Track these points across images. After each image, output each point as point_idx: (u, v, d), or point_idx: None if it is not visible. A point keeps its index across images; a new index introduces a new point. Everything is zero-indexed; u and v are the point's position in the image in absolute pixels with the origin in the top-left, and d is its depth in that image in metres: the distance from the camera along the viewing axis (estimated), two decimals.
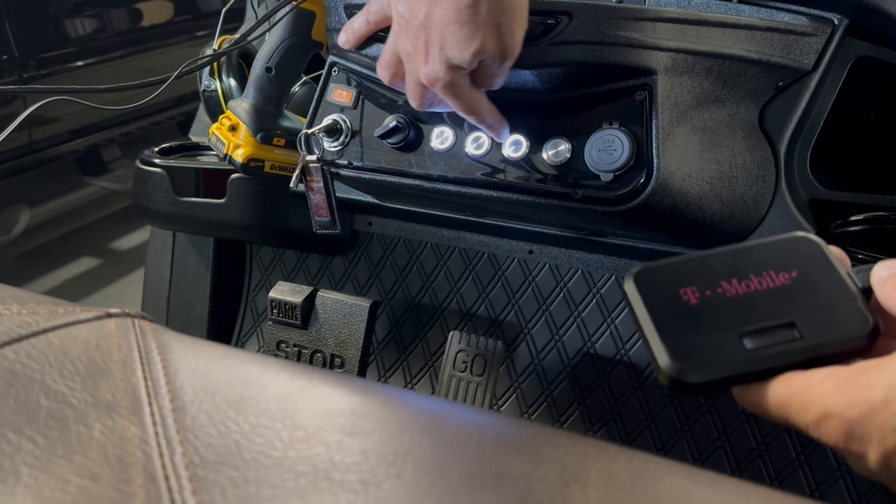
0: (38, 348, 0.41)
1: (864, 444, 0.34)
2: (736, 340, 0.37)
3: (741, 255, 0.40)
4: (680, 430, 0.99)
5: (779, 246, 0.40)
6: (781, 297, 0.38)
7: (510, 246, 1.05)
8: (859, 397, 0.34)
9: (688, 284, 0.39)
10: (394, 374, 1.14)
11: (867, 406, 0.33)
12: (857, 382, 0.34)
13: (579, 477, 0.35)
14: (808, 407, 0.35)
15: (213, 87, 1.03)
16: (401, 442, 0.37)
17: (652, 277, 0.40)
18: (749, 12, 0.73)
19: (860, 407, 0.33)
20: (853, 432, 0.34)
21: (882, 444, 0.33)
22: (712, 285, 0.39)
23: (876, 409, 0.33)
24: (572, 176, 0.72)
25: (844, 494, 0.92)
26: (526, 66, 0.70)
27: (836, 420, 0.34)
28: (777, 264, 0.39)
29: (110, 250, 2.39)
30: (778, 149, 0.80)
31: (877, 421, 0.33)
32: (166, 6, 2.47)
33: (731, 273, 0.39)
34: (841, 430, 0.34)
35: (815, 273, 0.39)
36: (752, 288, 0.39)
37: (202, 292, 1.21)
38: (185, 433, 0.36)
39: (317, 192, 0.85)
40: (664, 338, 0.37)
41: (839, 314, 0.38)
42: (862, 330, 0.37)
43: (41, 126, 2.03)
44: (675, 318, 0.38)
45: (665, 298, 0.39)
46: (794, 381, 0.36)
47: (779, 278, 0.39)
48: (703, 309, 0.38)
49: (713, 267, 0.39)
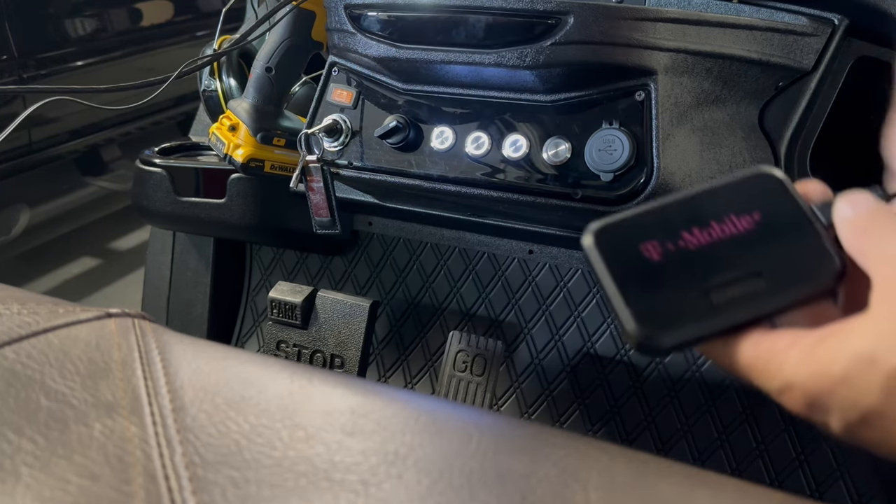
0: (38, 348, 0.41)
1: (826, 416, 0.34)
2: (702, 297, 0.36)
3: (701, 200, 0.38)
4: (680, 430, 0.99)
5: (740, 186, 0.39)
6: (745, 245, 0.37)
7: (510, 246, 1.05)
8: (821, 371, 0.33)
9: (648, 238, 0.38)
10: (394, 374, 1.14)
11: (828, 381, 0.33)
12: (818, 354, 0.34)
13: (580, 477, 0.35)
14: (772, 376, 0.35)
15: (213, 87, 1.03)
16: (401, 442, 0.37)
17: (612, 233, 0.38)
18: (749, 12, 0.73)
19: (821, 381, 0.33)
20: (814, 404, 0.34)
21: (843, 417, 0.33)
22: (673, 237, 0.37)
23: (836, 383, 0.33)
24: (572, 176, 0.72)
25: (844, 494, 0.92)
26: (526, 67, 0.70)
27: (798, 392, 0.34)
28: (738, 206, 0.38)
29: (110, 250, 2.39)
30: (778, 149, 0.80)
31: (837, 397, 0.33)
32: (166, 6, 2.47)
33: (692, 221, 0.38)
34: (803, 401, 0.34)
35: (778, 213, 0.38)
36: (715, 236, 0.37)
37: (202, 292, 1.21)
38: (185, 433, 0.36)
39: (317, 192, 0.85)
40: (629, 301, 0.36)
41: (804, 257, 0.37)
42: (828, 273, 0.36)
43: (41, 126, 2.02)
44: (639, 278, 0.37)
45: (626, 256, 0.37)
46: (760, 345, 0.36)
47: (741, 222, 0.38)
48: (666, 265, 0.37)
49: (672, 216, 0.38)
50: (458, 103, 0.77)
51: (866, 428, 0.33)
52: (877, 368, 0.32)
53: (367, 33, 0.78)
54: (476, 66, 0.72)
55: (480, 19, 0.71)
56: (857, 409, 0.33)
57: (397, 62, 0.77)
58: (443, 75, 0.76)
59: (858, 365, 0.33)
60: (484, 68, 0.72)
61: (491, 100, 0.76)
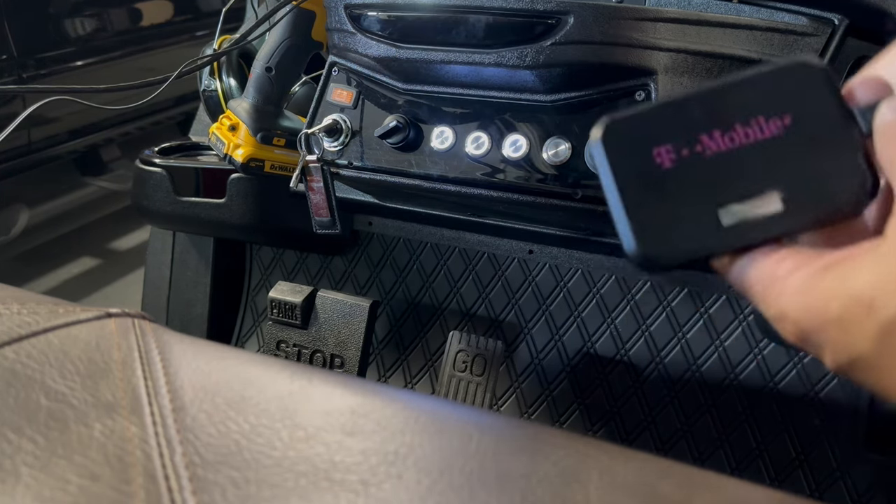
0: (38, 348, 0.41)
1: (818, 350, 0.33)
2: (711, 215, 0.34)
3: (727, 94, 0.35)
4: (680, 430, 0.99)
5: (775, 78, 0.35)
6: (768, 155, 0.34)
7: (510, 246, 1.05)
8: (816, 306, 0.32)
9: (663, 141, 0.34)
10: (394, 374, 1.14)
11: (821, 319, 0.32)
12: (817, 289, 0.32)
13: (580, 477, 0.35)
14: (770, 303, 0.34)
15: (213, 86, 1.03)
16: (401, 442, 0.37)
17: (623, 132, 0.35)
18: (749, 12, 0.73)
19: (814, 317, 0.32)
20: (808, 339, 0.33)
21: (834, 356, 0.32)
22: (690, 141, 0.34)
23: (829, 323, 0.32)
24: (572, 176, 0.72)
25: (844, 494, 0.92)
26: (526, 66, 0.70)
27: (791, 325, 0.33)
28: (768, 106, 0.34)
29: (110, 250, 2.39)
30: None
31: (830, 335, 0.32)
32: (166, 6, 2.47)
33: (714, 122, 0.34)
34: (796, 334, 0.33)
35: (812, 116, 0.34)
36: (737, 142, 0.34)
37: (202, 292, 1.21)
38: (185, 433, 0.36)
39: (317, 191, 0.85)
40: (632, 215, 0.34)
41: (832, 172, 0.33)
42: (855, 195, 0.33)
43: (40, 126, 2.02)
44: (646, 187, 0.34)
45: (636, 161, 0.34)
46: (763, 267, 0.34)
47: (769, 127, 0.34)
48: (677, 174, 0.34)
49: (693, 115, 0.34)
50: (458, 103, 0.78)
51: (857, 371, 0.32)
52: (873, 315, 0.31)
53: (367, 33, 0.78)
54: (476, 65, 0.72)
55: (480, 19, 0.71)
56: (847, 354, 0.32)
57: (397, 62, 0.77)
58: (443, 75, 0.76)
59: (855, 307, 0.31)
60: (484, 68, 0.72)
61: (491, 100, 0.76)
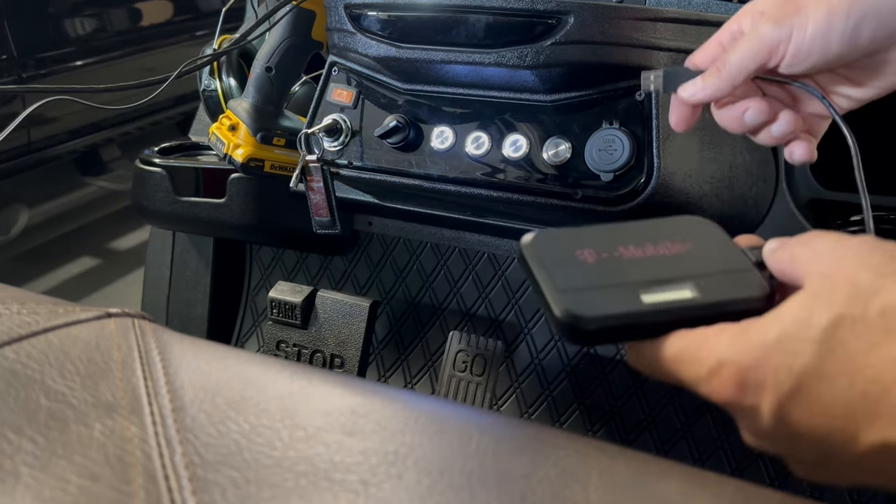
0: (38, 348, 0.41)
1: (758, 394, 0.33)
2: (632, 293, 0.37)
3: (638, 228, 0.40)
4: (680, 430, 0.99)
5: (675, 223, 0.40)
6: (678, 261, 0.38)
7: (510, 246, 1.05)
8: (754, 341, 0.33)
9: (585, 247, 0.38)
10: (394, 374, 1.14)
11: (762, 349, 0.32)
12: (751, 330, 0.33)
13: (580, 477, 0.35)
14: (702, 360, 0.34)
15: (213, 86, 1.03)
16: (401, 442, 0.37)
17: (548, 242, 0.39)
18: None
19: (754, 351, 0.33)
20: (747, 381, 0.33)
21: (776, 389, 0.32)
22: (610, 249, 0.38)
23: (771, 350, 0.32)
24: (572, 176, 0.72)
25: (844, 494, 0.92)
26: (526, 66, 0.70)
27: (728, 369, 0.33)
28: (674, 236, 0.39)
29: (110, 250, 2.39)
30: (778, 148, 0.80)
31: (771, 363, 0.32)
32: (166, 6, 2.47)
33: (629, 241, 0.39)
34: (734, 379, 0.33)
35: (711, 245, 0.39)
36: (650, 253, 0.38)
37: (202, 292, 1.21)
38: (185, 433, 0.36)
39: (317, 191, 0.85)
40: (559, 287, 0.37)
41: (736, 278, 0.38)
42: (759, 292, 0.37)
43: (40, 126, 2.02)
44: (572, 272, 0.37)
45: (561, 257, 0.38)
46: (689, 335, 0.35)
47: (675, 247, 0.39)
48: (599, 266, 0.38)
49: (610, 236, 0.39)
50: (458, 103, 0.77)
51: (799, 403, 0.32)
52: (812, 324, 0.32)
53: (367, 33, 0.78)
54: (476, 65, 0.72)
55: (480, 19, 0.71)
56: (791, 375, 0.32)
57: (397, 62, 0.77)
58: (443, 75, 0.76)
59: (793, 326, 0.32)
60: (484, 68, 0.72)
61: (491, 99, 0.76)
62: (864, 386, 0.30)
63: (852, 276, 0.32)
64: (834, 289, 0.32)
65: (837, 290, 0.32)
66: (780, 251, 0.37)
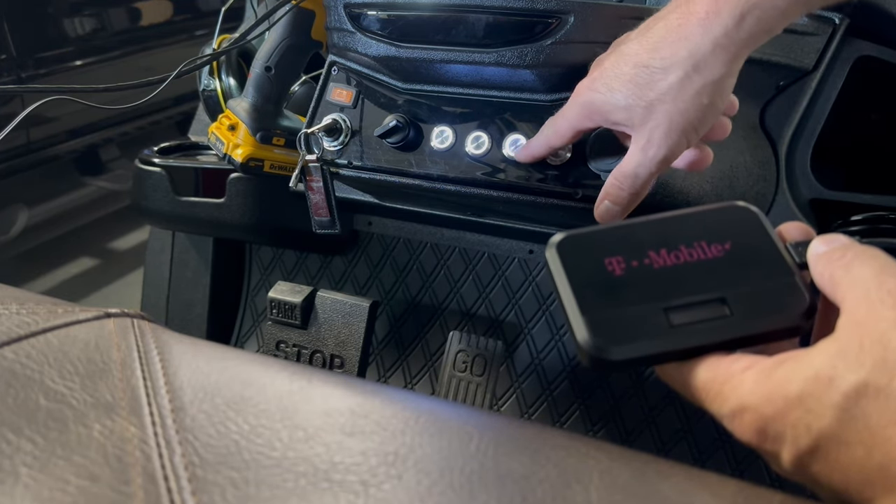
0: (37, 348, 0.40)
1: (777, 444, 0.33)
2: (661, 315, 0.34)
3: (673, 224, 0.37)
4: (680, 430, 0.99)
5: (714, 215, 0.38)
6: (713, 271, 0.36)
7: (510, 246, 1.05)
8: (776, 392, 0.32)
9: (613, 254, 0.36)
10: (394, 374, 1.14)
11: (783, 402, 0.32)
12: (775, 376, 0.33)
13: (581, 478, 0.35)
14: (726, 398, 0.34)
15: (213, 86, 1.03)
16: (401, 442, 0.36)
17: (576, 246, 0.37)
18: None
19: (776, 403, 0.32)
20: (767, 430, 0.33)
21: (795, 444, 0.32)
22: (639, 255, 0.36)
23: (791, 404, 0.32)
24: (573, 176, 0.72)
25: None
26: (526, 66, 0.70)
27: (750, 415, 0.33)
28: (710, 235, 0.36)
29: (109, 250, 2.39)
30: (779, 148, 0.80)
31: (791, 418, 0.32)
32: (165, 5, 2.46)
33: (661, 243, 0.36)
34: (755, 426, 0.33)
35: (750, 246, 0.36)
36: (682, 259, 0.36)
37: (202, 292, 1.21)
38: (185, 433, 0.36)
39: (316, 191, 0.85)
40: (584, 310, 0.35)
41: (773, 291, 0.35)
42: (797, 309, 0.34)
43: (39, 126, 2.02)
44: (598, 290, 0.35)
45: (588, 268, 0.36)
46: (717, 367, 0.35)
47: (711, 250, 0.36)
48: (627, 280, 0.35)
49: (641, 236, 0.37)
50: (458, 103, 0.77)
51: (817, 459, 0.32)
52: (834, 387, 0.31)
53: (366, 32, 0.77)
54: (476, 65, 0.72)
55: (480, 18, 0.71)
56: (810, 434, 0.31)
57: (397, 61, 0.77)
58: (443, 74, 0.76)
59: (816, 384, 0.31)
60: (484, 67, 0.72)
61: (491, 99, 0.76)
62: (882, 459, 0.30)
63: (883, 337, 0.31)
64: (862, 349, 0.31)
65: (865, 351, 0.31)
66: (821, 266, 0.35)
